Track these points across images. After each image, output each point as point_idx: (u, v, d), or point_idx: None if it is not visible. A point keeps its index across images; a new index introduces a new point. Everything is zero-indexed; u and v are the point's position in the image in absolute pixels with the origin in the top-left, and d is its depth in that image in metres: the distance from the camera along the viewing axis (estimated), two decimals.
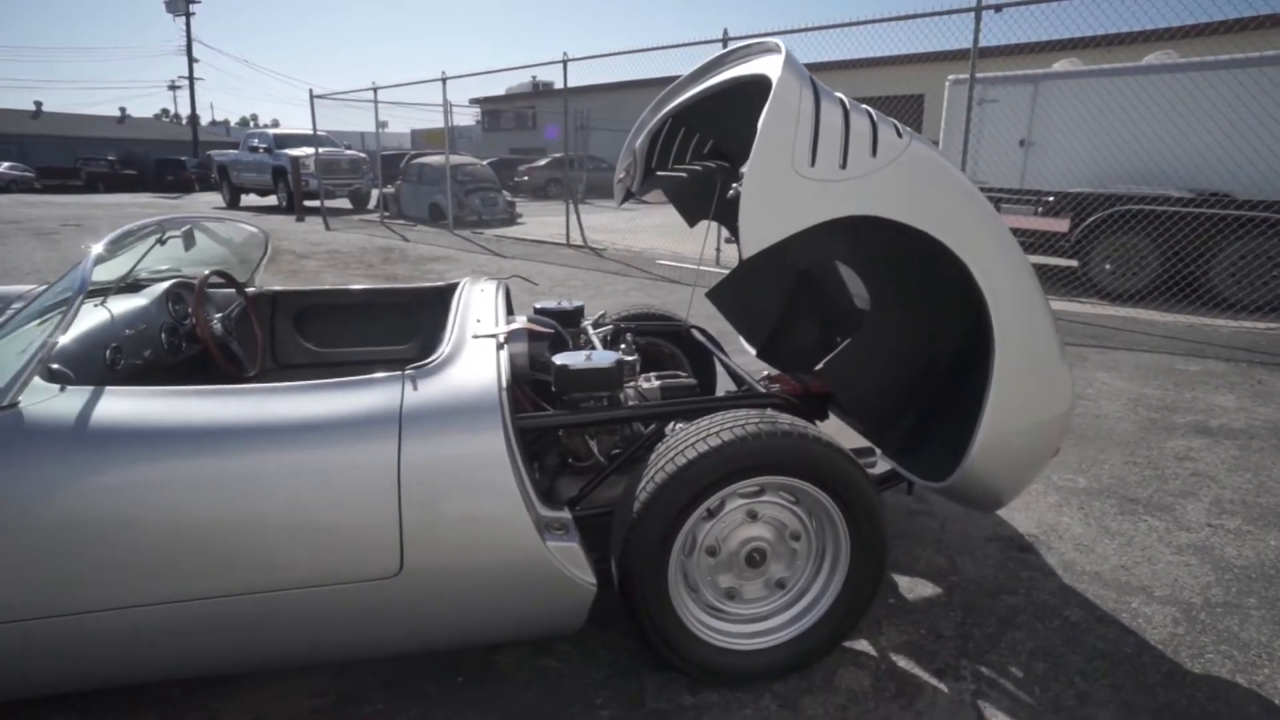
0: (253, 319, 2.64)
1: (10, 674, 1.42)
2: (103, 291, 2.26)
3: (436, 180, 13.50)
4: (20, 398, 1.43)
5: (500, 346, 1.78)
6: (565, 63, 9.87)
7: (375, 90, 12.85)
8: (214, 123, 53.32)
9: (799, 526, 1.78)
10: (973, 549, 2.39)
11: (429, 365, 1.65)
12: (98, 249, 1.79)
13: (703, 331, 2.99)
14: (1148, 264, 6.29)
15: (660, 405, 1.92)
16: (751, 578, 1.78)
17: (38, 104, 38.35)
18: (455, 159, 13.53)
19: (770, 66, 1.68)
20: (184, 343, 2.36)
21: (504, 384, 1.63)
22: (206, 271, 2.42)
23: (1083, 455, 3.09)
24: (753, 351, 3.08)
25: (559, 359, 1.91)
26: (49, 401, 1.45)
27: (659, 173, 2.99)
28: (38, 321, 1.85)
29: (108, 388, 1.51)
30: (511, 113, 28.95)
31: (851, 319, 2.83)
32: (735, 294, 3.06)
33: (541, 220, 14.02)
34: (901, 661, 1.86)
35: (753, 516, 1.75)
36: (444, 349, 1.72)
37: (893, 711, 1.69)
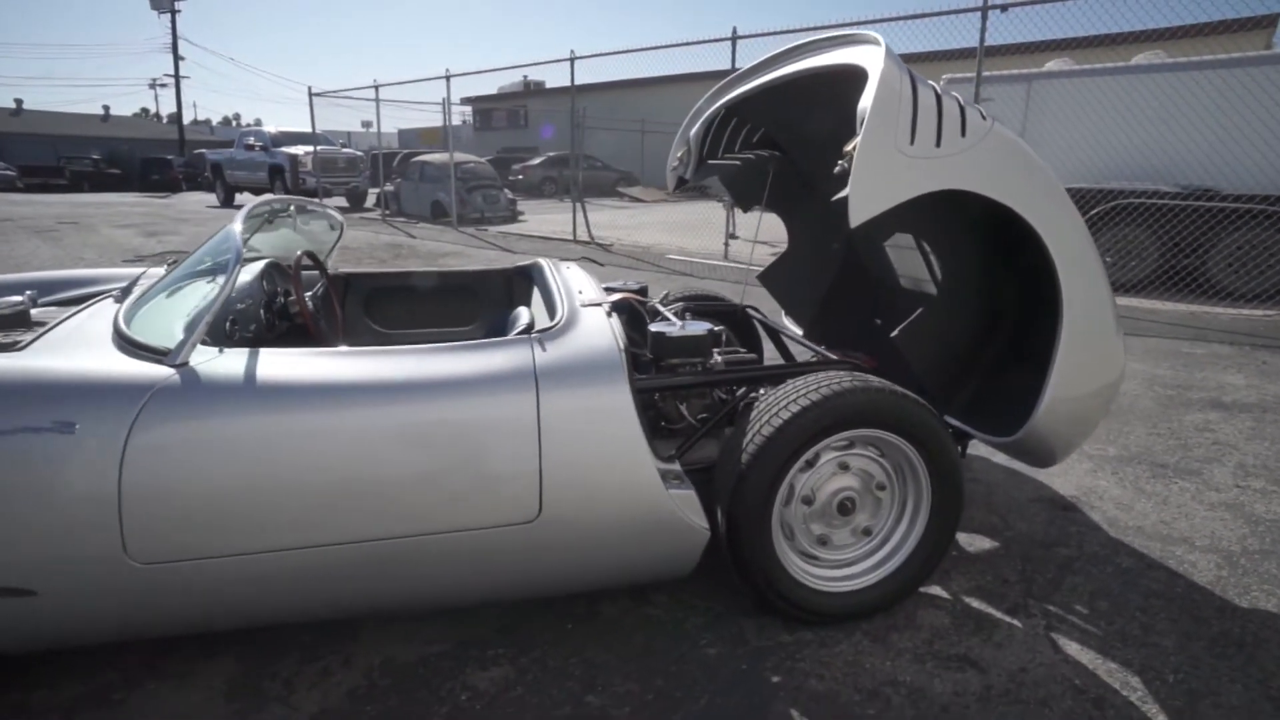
0: (334, 299, 2.76)
1: (177, 611, 1.53)
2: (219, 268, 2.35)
3: (437, 178, 13.56)
4: (190, 358, 1.55)
5: (609, 314, 1.92)
6: (572, 60, 9.98)
7: (377, 88, 12.89)
8: (196, 121, 52.69)
9: (884, 478, 1.94)
10: (1020, 509, 2.56)
11: (552, 329, 1.78)
12: (238, 224, 1.91)
13: (756, 310, 3.14)
14: (1147, 255, 6.53)
15: (756, 369, 2.07)
16: (841, 525, 1.93)
17: (18, 101, 37.76)
18: (457, 157, 13.59)
19: (867, 56, 1.83)
20: (278, 319, 2.47)
21: (621, 345, 1.77)
22: (299, 252, 2.53)
23: (1109, 427, 3.28)
24: (799, 331, 3.24)
25: (654, 327, 2.06)
26: (212, 361, 1.56)
27: (710, 161, 3.14)
28: (176, 289, 1.97)
29: (261, 349, 1.62)
30: (503, 112, 28.95)
31: (897, 298, 2.99)
32: (784, 277, 3.22)
33: (542, 218, 14.12)
34: (974, 603, 2.02)
35: (844, 468, 1.90)
36: (561, 316, 1.85)
37: (974, 644, 1.85)
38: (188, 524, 1.47)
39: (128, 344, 1.61)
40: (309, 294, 2.59)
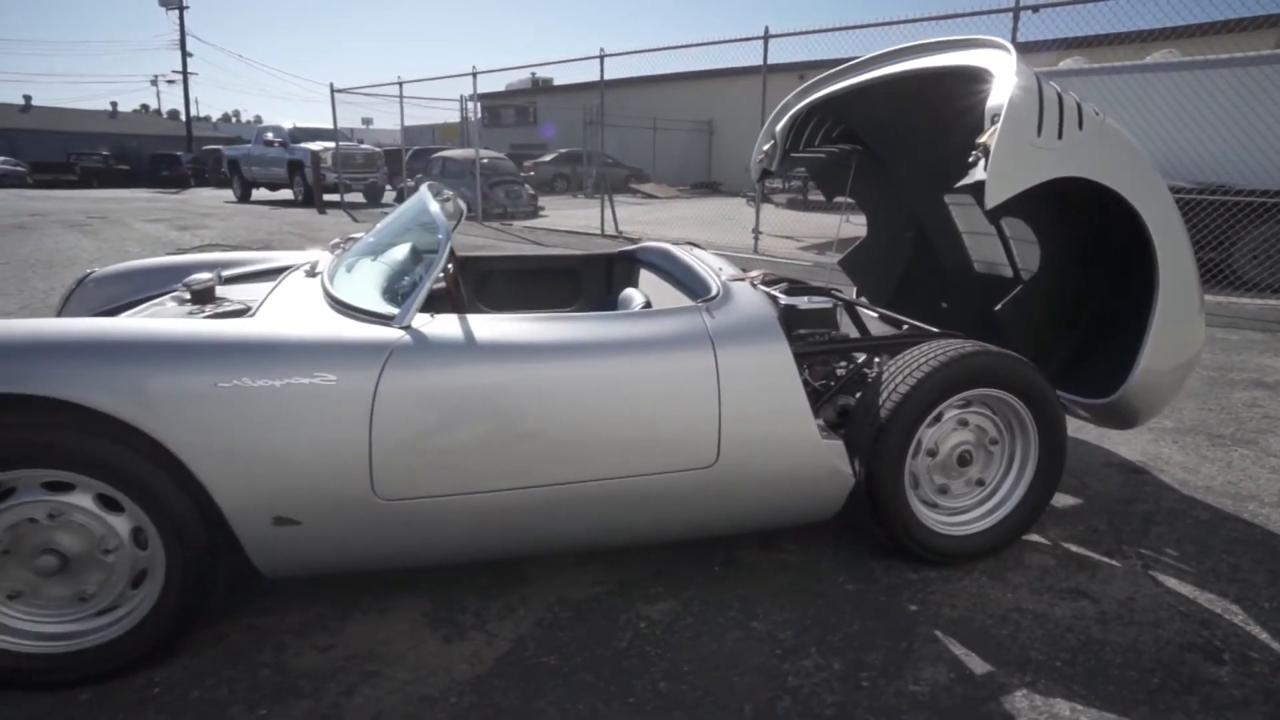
0: (459, 277, 2.97)
1: (413, 544, 1.75)
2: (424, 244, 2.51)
3: (459, 174, 13.75)
4: (412, 322, 1.77)
5: (754, 286, 2.14)
6: (601, 58, 10.18)
7: (400, 85, 13.07)
8: (196, 118, 52.74)
9: (996, 433, 2.17)
10: (1094, 471, 2.79)
11: (713, 300, 2.00)
12: (433, 204, 2.13)
13: (840, 291, 3.36)
14: None
15: (884, 339, 2.30)
16: (958, 476, 2.16)
17: (26, 98, 37.80)
18: (483, 153, 13.79)
19: (993, 59, 2.05)
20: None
21: (776, 313, 1.99)
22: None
23: None
24: (874, 315, 3.46)
25: (786, 300, 2.28)
26: (429, 325, 1.78)
27: (793, 154, 3.36)
28: (366, 262, 2.19)
29: (467, 315, 1.84)
30: (511, 109, 29.11)
31: (969, 281, 3.22)
32: (862, 263, 3.45)
33: (564, 213, 14.34)
34: (1073, 547, 2.25)
35: (963, 424, 2.13)
36: (717, 289, 2.07)
37: (1082, 580, 2.08)
38: (423, 466, 1.68)
39: (349, 309, 1.82)
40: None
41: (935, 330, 2.55)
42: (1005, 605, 1.97)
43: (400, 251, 2.39)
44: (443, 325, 1.78)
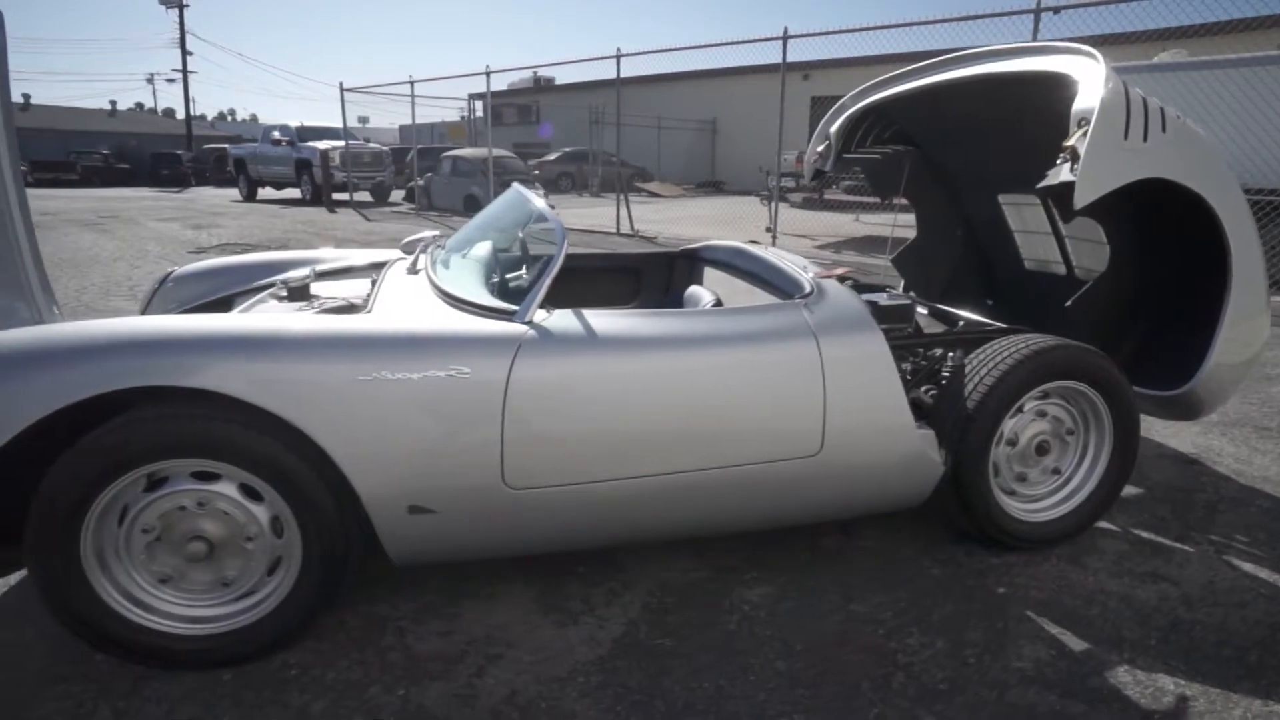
0: None
1: (538, 531, 1.83)
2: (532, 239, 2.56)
3: (470, 172, 13.80)
4: (533, 317, 1.84)
5: (842, 281, 2.22)
6: (618, 58, 10.24)
7: (412, 84, 13.10)
8: (191, 116, 52.44)
9: (1072, 424, 2.25)
10: (1150, 463, 2.88)
11: (809, 296, 2.08)
12: (539, 201, 2.20)
13: (897, 290, 3.45)
14: None
15: (966, 332, 2.39)
16: (1035, 465, 2.25)
17: (26, 96, 37.59)
18: (482, 152, 13.84)
19: (1079, 66, 2.12)
20: None
21: (869, 308, 2.07)
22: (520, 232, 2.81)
23: None
24: (924, 311, 3.55)
25: (868, 297, 2.35)
26: (549, 320, 1.85)
27: (846, 155, 3.44)
28: (477, 254, 2.26)
29: (582, 310, 1.91)
30: (513, 108, 29.11)
31: (1018, 276, 3.31)
32: (912, 261, 3.53)
33: (574, 212, 14.37)
34: (1144, 534, 2.34)
35: (1041, 415, 2.21)
36: (809, 286, 2.15)
37: (1158, 564, 2.17)
38: (550, 456, 1.76)
39: (468, 305, 1.89)
40: None
41: (1003, 325, 2.64)
42: (1089, 588, 2.06)
43: (501, 248, 2.46)
44: (561, 320, 1.85)
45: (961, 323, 2.80)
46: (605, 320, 1.87)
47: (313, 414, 1.61)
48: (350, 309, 2.10)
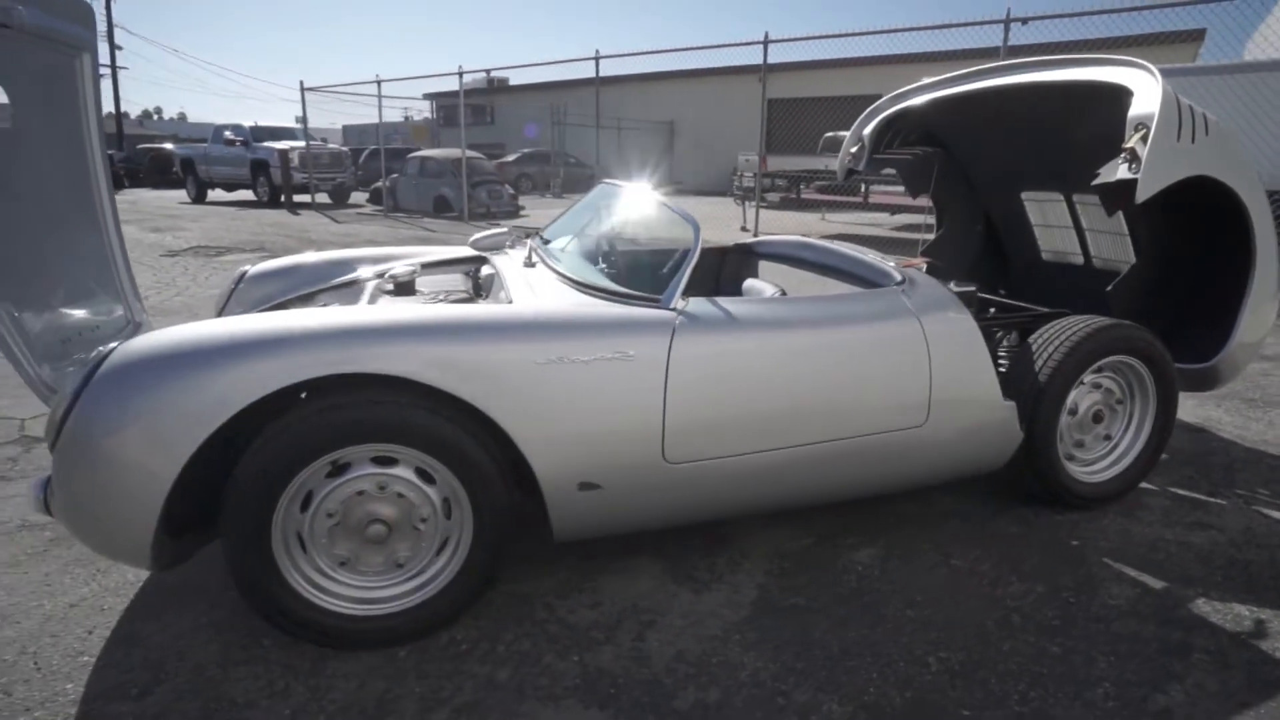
0: None
1: (693, 503, 1.97)
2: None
3: (439, 173, 13.67)
4: (677, 304, 1.98)
5: (924, 269, 2.44)
6: (597, 60, 10.36)
7: (379, 83, 12.89)
8: (120, 115, 49.77)
9: (1121, 394, 2.53)
10: None
11: (904, 283, 2.29)
12: (658, 194, 2.33)
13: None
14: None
15: (1029, 314, 2.64)
16: (1090, 432, 2.51)
17: None
18: (455, 152, 13.74)
19: (1134, 77, 2.38)
20: None
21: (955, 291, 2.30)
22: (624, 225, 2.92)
23: None
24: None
25: None
26: (690, 306, 1.99)
27: (876, 155, 3.68)
28: (586, 248, 2.37)
29: (716, 298, 2.06)
30: (468, 108, 28.78)
31: (1036, 266, 3.61)
32: (938, 254, 3.80)
33: (545, 212, 14.40)
34: (1180, 491, 2.64)
35: (1096, 387, 2.48)
36: (896, 274, 2.36)
37: (1200, 516, 2.46)
38: (704, 432, 1.90)
39: (611, 294, 2.01)
40: None
41: (1045, 310, 2.91)
42: (1149, 537, 2.33)
43: (610, 240, 2.58)
44: (700, 306, 1.99)
45: (992, 310, 3.06)
46: (740, 306, 2.03)
47: (496, 397, 1.71)
48: (471, 301, 2.19)
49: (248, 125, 16.16)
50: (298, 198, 14.92)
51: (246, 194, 16.30)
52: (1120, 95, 2.40)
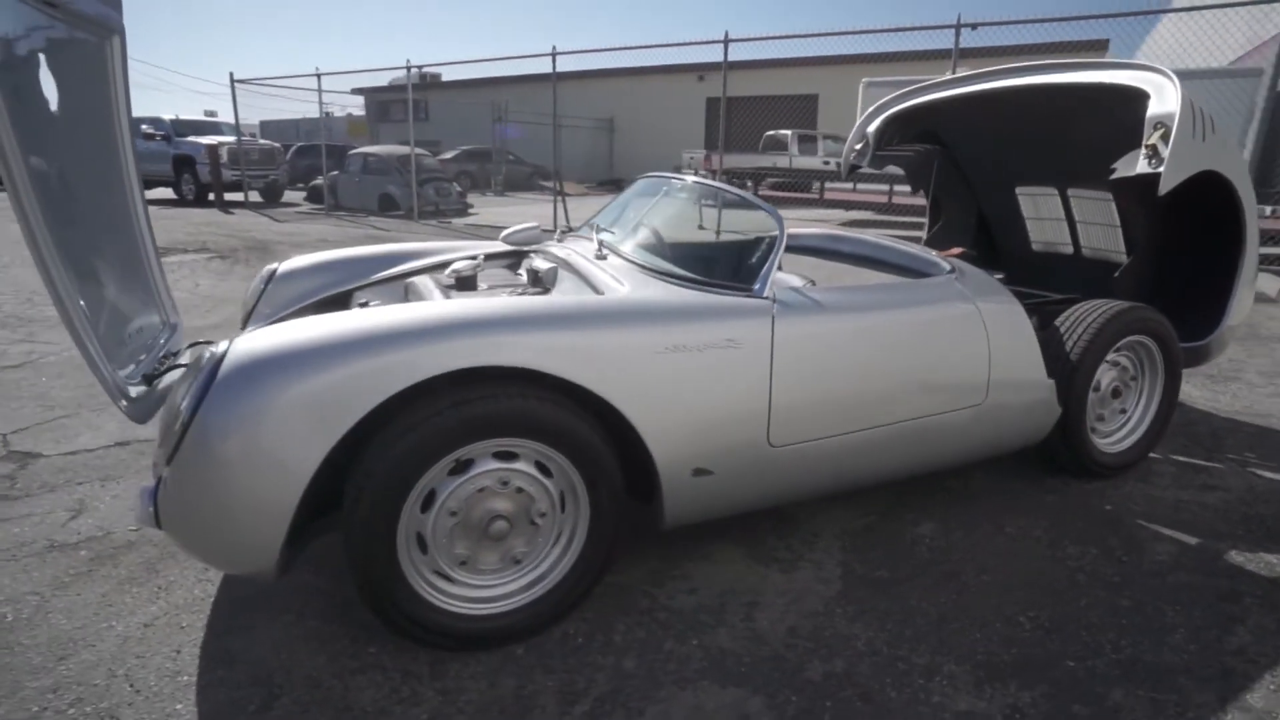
0: None
1: (792, 483, 2.03)
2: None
3: (384, 171, 13.25)
4: (769, 293, 2.04)
5: (966, 259, 2.59)
6: (554, 56, 10.28)
7: (319, 77, 12.36)
8: None
9: (1134, 371, 2.77)
10: None
11: (954, 272, 2.43)
12: (745, 194, 2.38)
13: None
14: None
15: (1057, 299, 2.83)
16: (1108, 406, 2.74)
17: None
18: (401, 149, 13.35)
19: (1153, 81, 2.59)
20: None
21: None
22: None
23: None
24: None
25: None
26: (782, 295, 2.05)
27: (879, 152, 3.85)
28: (664, 238, 2.40)
29: (799, 287, 2.12)
30: (399, 104, 27.91)
31: (1026, 256, 3.87)
32: (938, 246, 4.01)
33: (494, 210, 14.18)
34: (1180, 458, 2.91)
35: (1115, 365, 2.71)
36: (944, 263, 2.50)
37: (1206, 478, 2.72)
38: (803, 415, 1.98)
39: (701, 283, 2.04)
40: None
41: (1059, 296, 3.14)
42: (1170, 500, 2.57)
43: (675, 231, 2.60)
44: (789, 295, 2.05)
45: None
46: (824, 294, 2.11)
47: (620, 387, 1.73)
48: (542, 294, 2.19)
49: (168, 119, 15.17)
50: (229, 196, 14.13)
51: (165, 192, 15.28)
52: (1131, 97, 2.62)
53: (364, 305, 2.62)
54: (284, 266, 2.75)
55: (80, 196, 1.93)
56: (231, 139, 14.55)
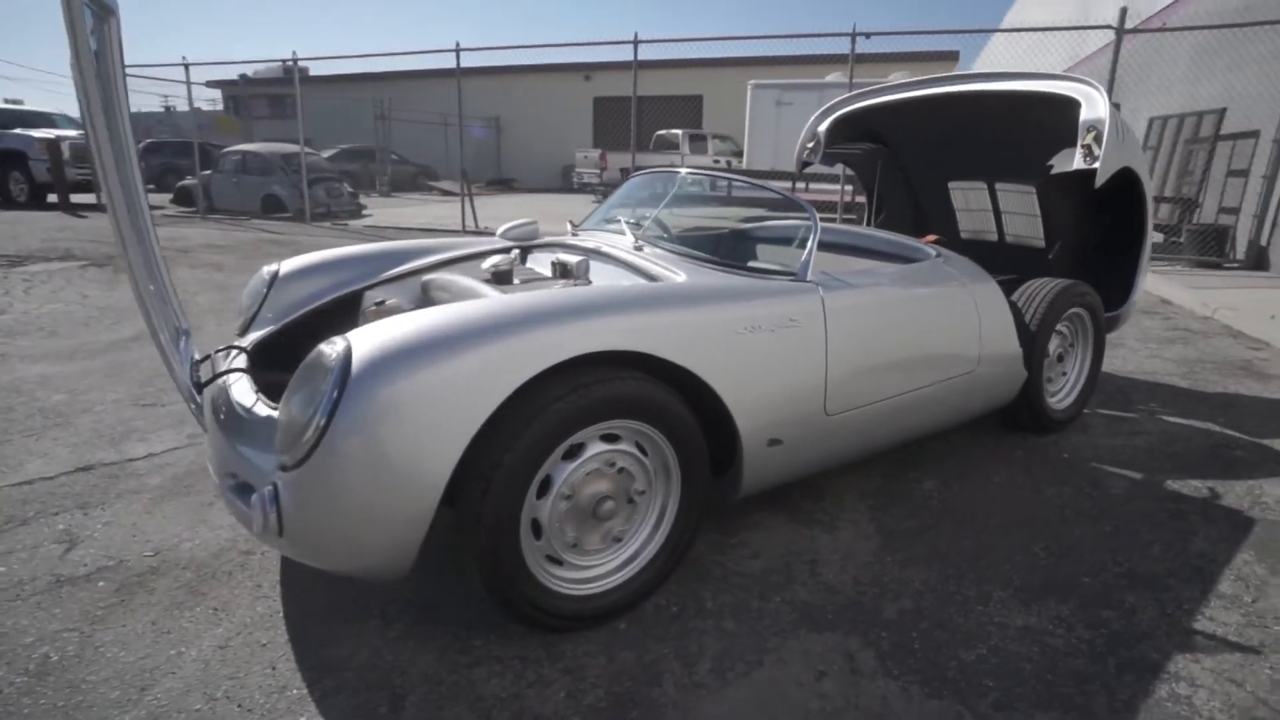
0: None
1: (840, 447, 2.24)
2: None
3: (266, 170, 12.32)
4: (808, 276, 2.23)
5: (940, 244, 2.92)
6: (458, 52, 10.04)
7: (186, 67, 11.28)
8: None
9: (1072, 339, 3.24)
10: None
11: (940, 257, 2.75)
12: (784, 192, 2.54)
13: None
14: None
15: (1008, 279, 3.24)
16: (1056, 369, 3.19)
17: None
18: (288, 148, 12.50)
19: (1084, 91, 3.04)
20: None
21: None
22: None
23: None
24: None
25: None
26: (819, 279, 2.26)
27: (828, 150, 4.20)
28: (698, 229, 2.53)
29: (828, 273, 2.33)
30: (264, 99, 25.86)
31: (955, 244, 4.35)
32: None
33: (388, 211, 13.58)
34: (1103, 411, 3.43)
35: (1058, 333, 3.16)
36: (925, 248, 2.82)
37: (1128, 426, 3.24)
38: (851, 385, 2.19)
39: (753, 270, 2.21)
40: None
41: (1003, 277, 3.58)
42: (1108, 445, 3.04)
43: (700, 221, 2.73)
44: (824, 279, 2.26)
45: None
46: (853, 278, 2.34)
47: (713, 366, 1.86)
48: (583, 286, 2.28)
49: None
50: (76, 197, 12.55)
51: None
52: (1059, 104, 3.07)
53: (380, 304, 2.57)
54: (285, 267, 2.61)
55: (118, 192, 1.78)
56: (72, 132, 12.93)
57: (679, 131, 17.46)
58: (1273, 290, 6.27)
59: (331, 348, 1.52)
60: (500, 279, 2.41)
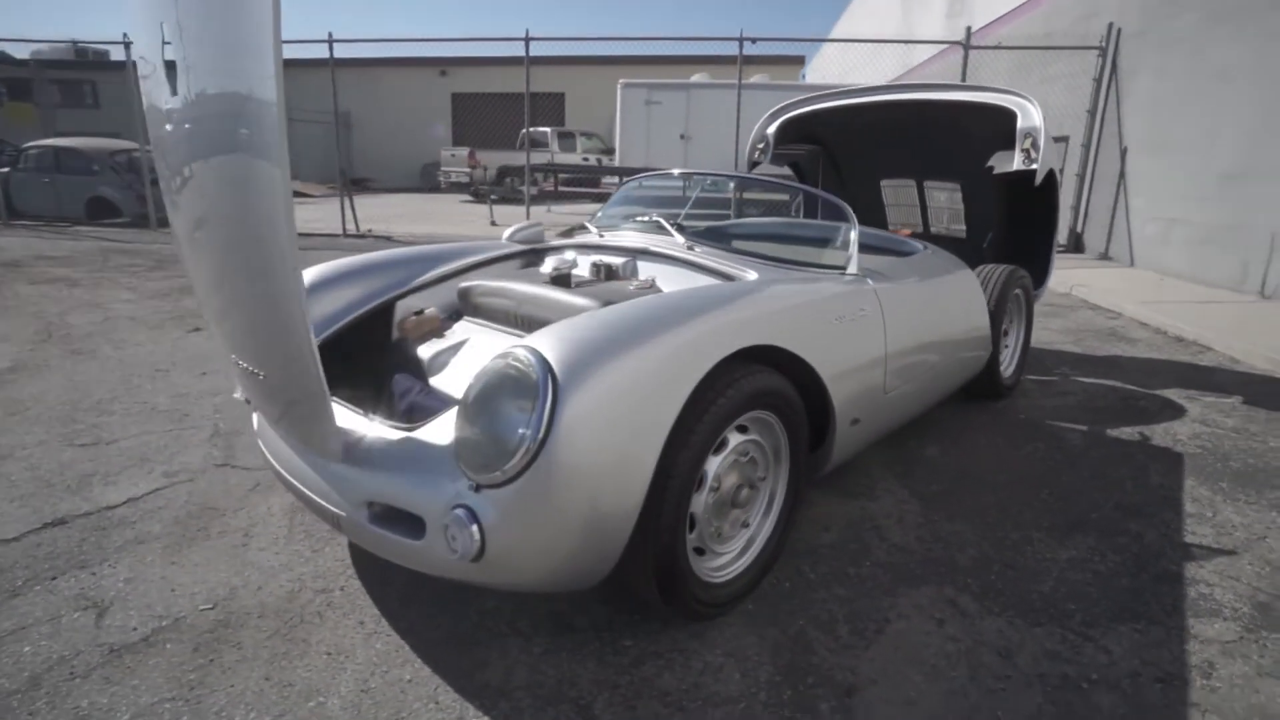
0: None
1: (888, 423, 2.48)
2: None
3: (88, 169, 10.68)
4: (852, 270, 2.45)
5: (915, 237, 3.28)
6: (330, 43, 9.31)
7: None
8: None
9: (1011, 316, 3.76)
10: None
11: (927, 249, 3.10)
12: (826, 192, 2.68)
13: None
14: None
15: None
16: (1004, 342, 3.68)
17: None
18: (115, 143, 10.92)
19: (1020, 103, 3.51)
20: None
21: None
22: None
23: None
24: None
25: None
26: (861, 271, 2.48)
27: (777, 150, 4.50)
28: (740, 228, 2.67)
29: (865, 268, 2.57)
30: (54, 84, 22.19)
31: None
32: None
33: None
34: (1032, 377, 4.01)
35: (1005, 312, 3.66)
36: (913, 242, 3.16)
37: (1057, 389, 3.82)
38: (900, 365, 2.44)
39: (808, 266, 2.39)
40: None
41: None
42: (1049, 406, 3.58)
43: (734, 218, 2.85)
44: (868, 272, 2.49)
45: None
46: (887, 271, 2.59)
47: (819, 355, 2.01)
48: (647, 286, 2.35)
49: None
50: None
51: None
52: (994, 113, 3.56)
53: (419, 313, 2.46)
54: (309, 277, 2.40)
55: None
56: None
57: (547, 129, 17.36)
58: (1099, 269, 7.53)
59: (517, 361, 1.48)
60: (559, 281, 2.39)
